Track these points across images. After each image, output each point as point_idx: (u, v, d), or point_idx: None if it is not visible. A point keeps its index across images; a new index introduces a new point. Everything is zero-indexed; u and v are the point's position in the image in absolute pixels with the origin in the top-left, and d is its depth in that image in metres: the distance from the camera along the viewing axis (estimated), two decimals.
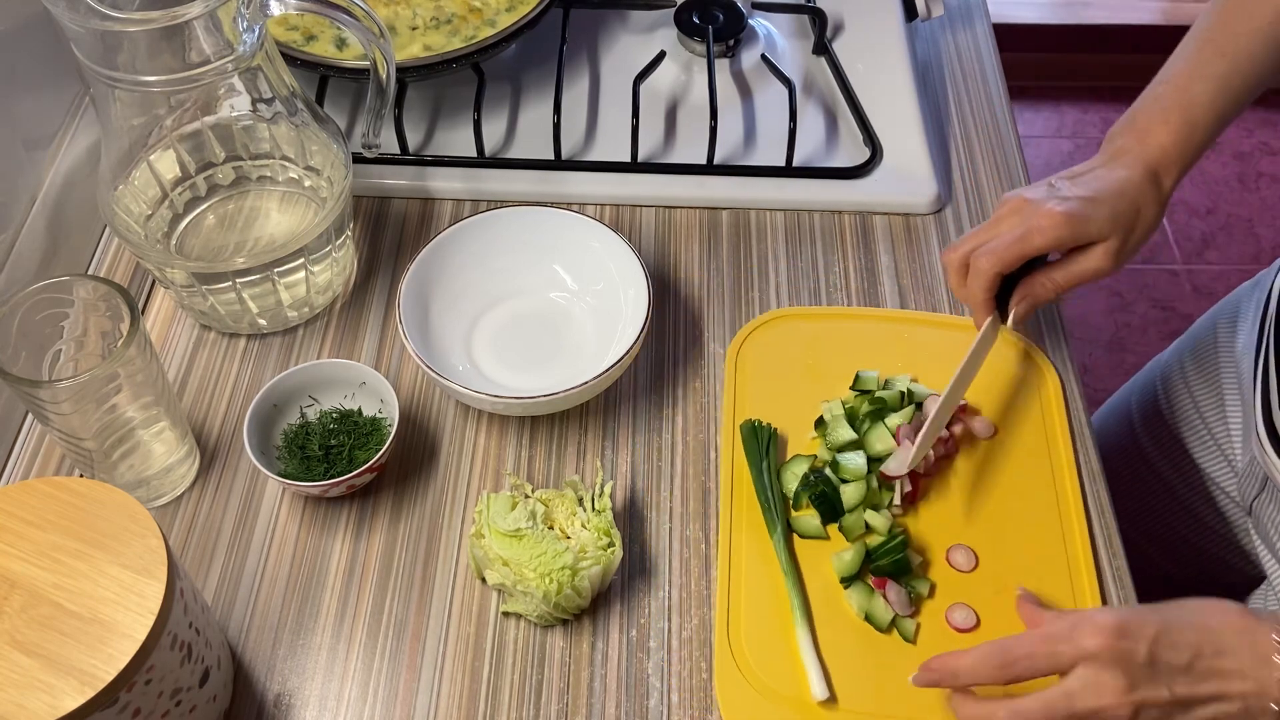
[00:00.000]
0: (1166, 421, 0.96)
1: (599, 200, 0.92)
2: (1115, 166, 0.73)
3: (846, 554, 0.70)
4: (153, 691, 0.55)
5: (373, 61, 0.78)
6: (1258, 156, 2.31)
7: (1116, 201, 0.71)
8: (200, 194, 0.80)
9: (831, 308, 0.85)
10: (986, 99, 1.02)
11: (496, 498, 0.69)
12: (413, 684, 0.68)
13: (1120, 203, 0.71)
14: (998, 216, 0.74)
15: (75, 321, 0.68)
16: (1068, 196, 0.71)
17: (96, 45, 0.67)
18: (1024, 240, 0.71)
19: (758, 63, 0.99)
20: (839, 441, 0.74)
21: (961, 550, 0.72)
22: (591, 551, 0.68)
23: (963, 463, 0.76)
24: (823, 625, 0.69)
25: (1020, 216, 0.72)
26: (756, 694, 0.66)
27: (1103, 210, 0.71)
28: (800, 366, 0.81)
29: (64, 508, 0.56)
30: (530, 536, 0.67)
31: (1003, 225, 0.73)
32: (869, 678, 0.67)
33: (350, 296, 0.86)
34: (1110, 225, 0.71)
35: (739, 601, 0.70)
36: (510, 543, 0.67)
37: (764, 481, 0.73)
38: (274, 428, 0.75)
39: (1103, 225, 0.71)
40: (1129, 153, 0.73)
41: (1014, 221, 0.73)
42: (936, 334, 0.83)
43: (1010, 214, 0.73)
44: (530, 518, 0.68)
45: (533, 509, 0.69)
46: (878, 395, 0.76)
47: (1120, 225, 0.71)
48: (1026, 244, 0.71)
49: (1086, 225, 0.71)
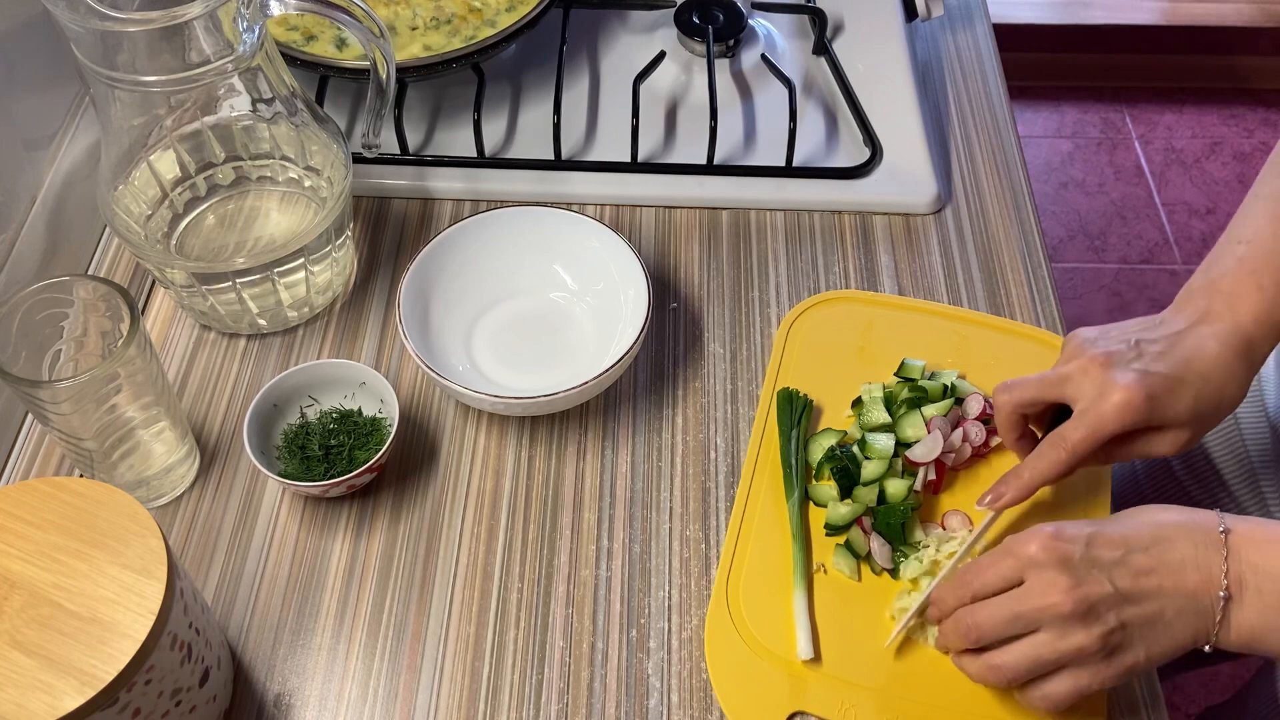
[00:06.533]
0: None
1: (599, 200, 0.92)
2: (1206, 336, 0.65)
3: (843, 507, 0.72)
4: (153, 691, 0.55)
5: (373, 61, 0.78)
6: (1258, 157, 2.31)
7: (1202, 386, 0.63)
8: (200, 194, 0.80)
9: (891, 296, 0.86)
10: (986, 99, 1.02)
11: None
12: (413, 684, 0.68)
13: (1206, 388, 0.64)
14: (1065, 372, 0.66)
15: (75, 321, 0.68)
16: (1149, 371, 0.63)
17: (96, 45, 0.67)
18: (1097, 424, 0.64)
19: (758, 63, 0.99)
20: (872, 423, 0.76)
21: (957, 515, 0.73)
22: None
23: (994, 463, 0.76)
24: (820, 590, 0.71)
25: (1093, 381, 0.64)
26: (743, 645, 0.68)
27: (1185, 396, 0.63)
28: (850, 347, 0.82)
29: (64, 508, 0.56)
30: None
31: (1069, 386, 0.66)
32: (854, 645, 0.68)
33: (350, 296, 0.86)
34: (1189, 413, 0.64)
35: (744, 556, 0.72)
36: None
37: (791, 447, 0.75)
38: (274, 428, 0.75)
39: (1181, 413, 0.64)
40: (1218, 318, 0.65)
41: (1086, 386, 0.65)
42: (994, 336, 0.83)
43: (1081, 373, 0.65)
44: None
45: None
46: (919, 384, 0.77)
47: (1200, 413, 0.64)
48: (1099, 428, 0.64)
49: (1165, 412, 0.63)
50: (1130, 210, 2.23)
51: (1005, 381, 0.70)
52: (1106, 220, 2.22)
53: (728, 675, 0.67)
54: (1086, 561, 0.59)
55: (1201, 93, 2.43)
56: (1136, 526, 0.60)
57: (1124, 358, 0.64)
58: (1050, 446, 0.66)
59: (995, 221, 0.92)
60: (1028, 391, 0.68)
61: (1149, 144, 2.35)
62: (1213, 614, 0.58)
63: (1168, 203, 2.24)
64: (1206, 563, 0.58)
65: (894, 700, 0.66)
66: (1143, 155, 2.33)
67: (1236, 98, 2.43)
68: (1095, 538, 0.60)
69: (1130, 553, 0.59)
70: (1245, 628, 0.58)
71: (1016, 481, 0.67)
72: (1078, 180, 2.28)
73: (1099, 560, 0.59)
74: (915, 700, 0.66)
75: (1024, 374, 0.70)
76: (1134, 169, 2.30)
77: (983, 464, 0.76)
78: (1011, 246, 0.90)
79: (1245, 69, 2.43)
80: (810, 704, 0.66)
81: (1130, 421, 0.63)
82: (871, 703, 0.66)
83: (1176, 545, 0.59)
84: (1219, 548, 0.59)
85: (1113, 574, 0.58)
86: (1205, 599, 0.58)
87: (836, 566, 0.71)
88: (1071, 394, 0.66)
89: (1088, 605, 0.58)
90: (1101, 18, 2.37)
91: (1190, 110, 2.41)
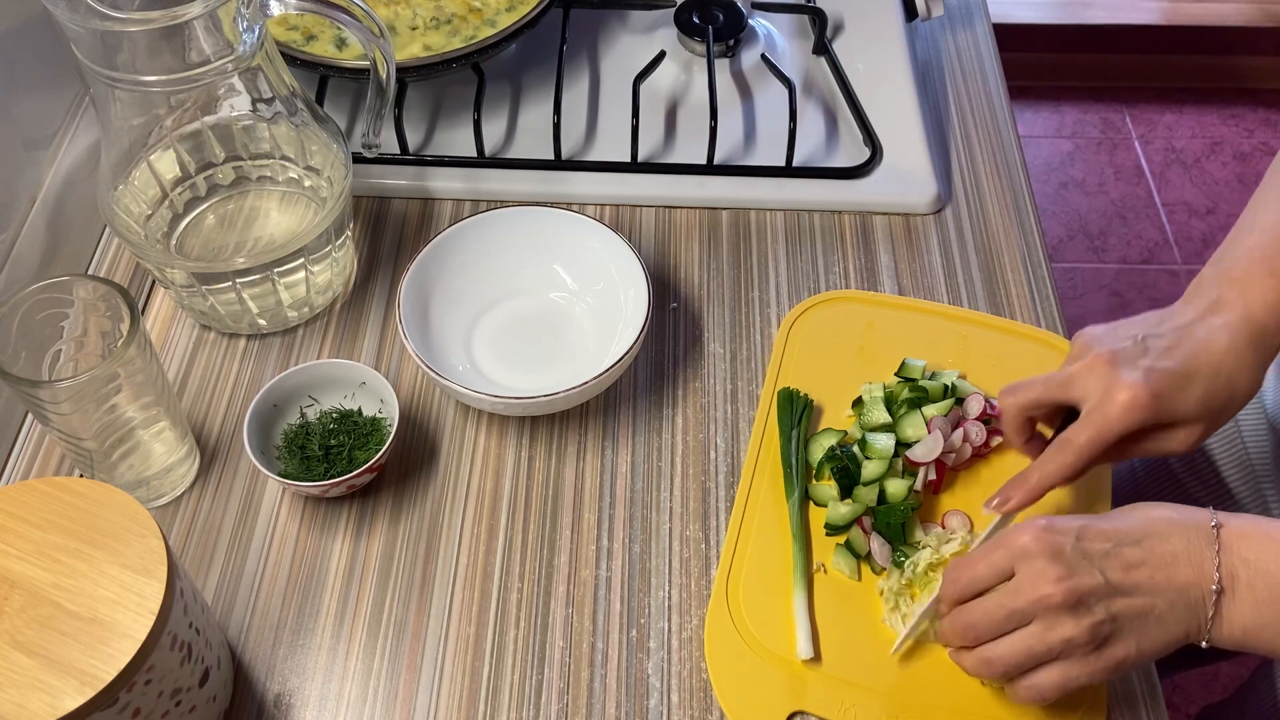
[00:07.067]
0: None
1: (599, 200, 0.92)
2: (1216, 326, 0.64)
3: (843, 507, 0.72)
4: (153, 691, 0.55)
5: (373, 61, 0.78)
6: (1258, 157, 2.31)
7: (1212, 380, 0.63)
8: (200, 194, 0.80)
9: (892, 296, 0.86)
10: (986, 99, 1.02)
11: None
12: (413, 684, 0.68)
13: (1216, 381, 0.63)
14: (1071, 372, 0.66)
15: (75, 321, 0.68)
16: (1155, 368, 0.63)
17: (96, 45, 0.67)
18: (1103, 424, 0.63)
19: (758, 63, 0.99)
20: (873, 423, 0.76)
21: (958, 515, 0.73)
22: None
23: (995, 463, 0.76)
24: (820, 590, 0.71)
25: (1099, 380, 0.64)
26: (743, 644, 0.68)
27: (1194, 391, 0.63)
28: (851, 347, 0.82)
29: (64, 508, 0.56)
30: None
31: (1075, 386, 0.65)
32: (854, 645, 0.68)
33: (350, 296, 0.86)
34: (1200, 409, 0.63)
35: (744, 556, 0.72)
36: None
37: (791, 447, 0.75)
38: (274, 428, 0.75)
39: (1191, 408, 0.63)
40: (1230, 308, 0.65)
41: (1092, 386, 0.64)
42: (995, 337, 0.83)
43: (1087, 372, 0.65)
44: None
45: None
46: (920, 384, 0.77)
47: (1210, 409, 0.63)
48: (1105, 430, 0.63)
49: (1174, 409, 0.63)
50: (1130, 210, 2.23)
51: (1011, 384, 0.69)
52: (1106, 220, 2.22)
53: (727, 675, 0.67)
54: (1077, 553, 0.58)
55: (1201, 93, 2.43)
56: (1128, 521, 0.60)
57: (1130, 355, 0.64)
58: (1057, 450, 0.65)
59: (995, 221, 0.92)
60: (1033, 393, 0.68)
61: (1149, 144, 2.35)
62: (1204, 608, 0.58)
63: (1168, 203, 2.24)
64: (1198, 557, 0.58)
65: (894, 700, 0.66)
66: (1143, 155, 2.33)
67: (1236, 98, 2.43)
68: (1086, 530, 0.60)
69: (1121, 545, 0.59)
70: (1238, 623, 0.58)
71: (1024, 485, 0.67)
72: (1078, 180, 2.28)
73: (1090, 552, 0.59)
74: (915, 700, 0.66)
75: (1024, 374, 0.69)
76: (1134, 169, 2.30)
77: (983, 464, 0.76)
78: (1011, 246, 0.90)
79: (1245, 69, 2.43)
80: (810, 704, 0.66)
81: (1137, 421, 0.62)
82: (871, 703, 0.66)
83: (1169, 539, 0.59)
84: (1211, 542, 0.58)
85: (1103, 566, 0.58)
86: (1196, 593, 0.58)
87: (836, 566, 0.71)
88: (1078, 394, 0.65)
89: (1077, 596, 0.57)
90: (1101, 18, 2.37)
91: (1190, 110, 2.41)
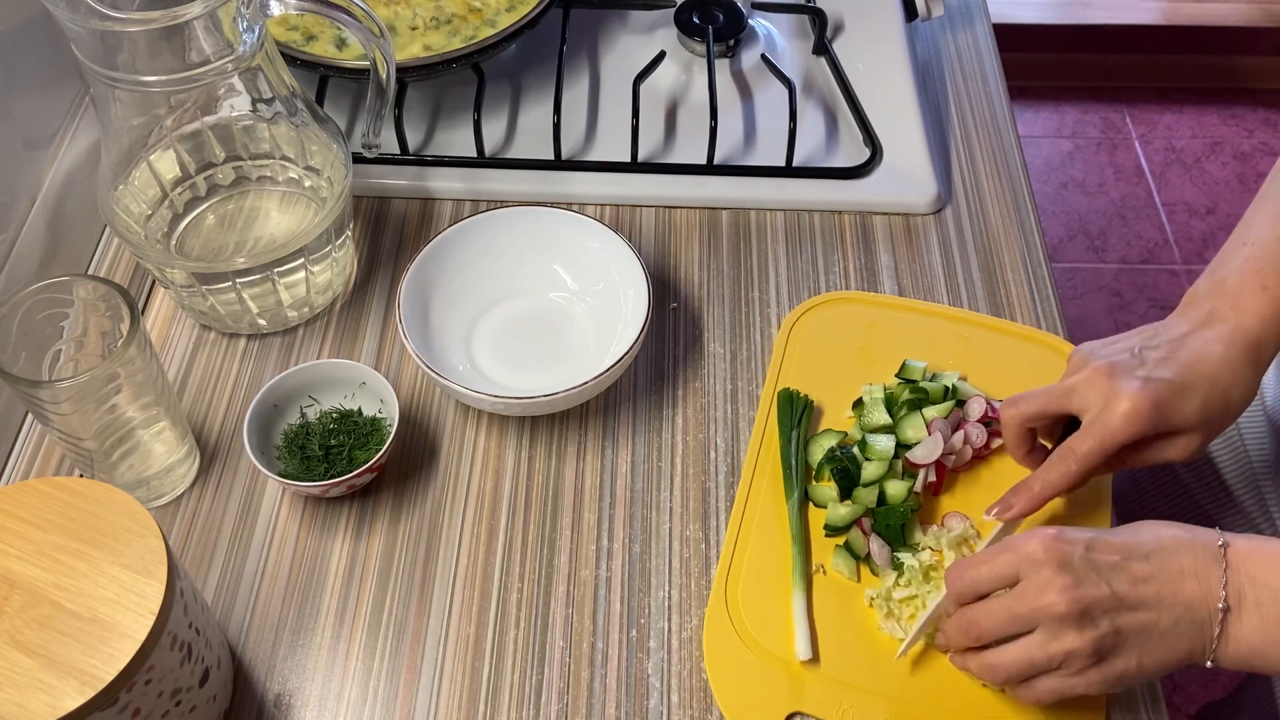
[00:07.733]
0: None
1: (599, 200, 0.92)
2: (1210, 339, 0.65)
3: (843, 508, 0.72)
4: (153, 691, 0.55)
5: (373, 61, 0.78)
6: (1258, 157, 2.31)
7: (1209, 390, 0.64)
8: (200, 194, 0.80)
9: (893, 297, 0.86)
10: (986, 99, 1.02)
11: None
12: (413, 684, 0.68)
13: (1212, 391, 0.64)
14: (1071, 384, 0.67)
15: (75, 321, 0.68)
16: (1153, 378, 0.63)
17: (96, 45, 0.67)
18: (1105, 433, 0.64)
19: (758, 63, 0.99)
20: (873, 424, 0.76)
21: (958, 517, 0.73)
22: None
23: (995, 465, 0.76)
24: (819, 591, 0.71)
25: (1099, 391, 0.65)
26: (742, 645, 0.68)
27: (1192, 400, 0.63)
28: (851, 348, 0.82)
29: (64, 508, 0.56)
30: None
31: (1076, 397, 0.66)
32: (853, 646, 0.68)
33: (350, 296, 0.86)
34: (1198, 418, 0.64)
35: (743, 556, 0.72)
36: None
37: (791, 448, 0.75)
38: (274, 428, 0.75)
39: (1189, 417, 0.64)
40: (1223, 320, 0.66)
41: (1092, 397, 0.65)
42: (995, 338, 0.82)
43: (1087, 384, 0.66)
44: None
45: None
46: (921, 385, 0.77)
47: (1209, 417, 0.64)
48: (1107, 438, 0.64)
49: (1173, 418, 0.64)
50: (1130, 210, 2.23)
51: (1011, 397, 0.70)
52: (1106, 220, 2.22)
53: (726, 675, 0.67)
54: (1085, 564, 0.59)
55: (1201, 93, 2.43)
56: (1138, 536, 0.61)
57: (1128, 366, 0.65)
58: (1059, 458, 0.66)
59: (995, 221, 0.92)
60: (1034, 405, 0.68)
61: (1149, 144, 2.35)
62: (1210, 627, 0.58)
63: (1168, 203, 2.24)
64: (1206, 574, 0.58)
65: (893, 701, 0.66)
66: (1143, 155, 2.33)
67: (1236, 98, 2.43)
68: (1095, 542, 0.60)
69: (1129, 559, 0.59)
70: (1244, 642, 0.58)
71: (1026, 493, 0.67)
72: (1078, 180, 2.28)
73: (1098, 564, 0.59)
74: (914, 701, 0.66)
75: (1025, 376, 0.70)
76: (1134, 169, 2.30)
77: (984, 466, 0.76)
78: (1011, 246, 0.90)
79: (1245, 69, 2.43)
80: (808, 704, 0.66)
81: (1138, 430, 0.63)
82: (870, 704, 0.66)
83: (1176, 555, 0.59)
84: (1218, 560, 0.59)
85: (1111, 578, 0.58)
86: (1203, 610, 0.58)
87: (836, 568, 0.71)
88: (1078, 405, 0.66)
89: (1082, 607, 0.58)
90: (1101, 18, 2.37)
91: (1190, 110, 2.41)
